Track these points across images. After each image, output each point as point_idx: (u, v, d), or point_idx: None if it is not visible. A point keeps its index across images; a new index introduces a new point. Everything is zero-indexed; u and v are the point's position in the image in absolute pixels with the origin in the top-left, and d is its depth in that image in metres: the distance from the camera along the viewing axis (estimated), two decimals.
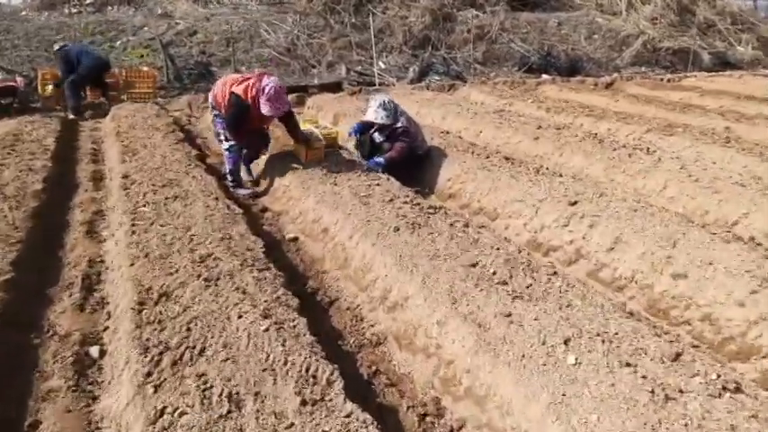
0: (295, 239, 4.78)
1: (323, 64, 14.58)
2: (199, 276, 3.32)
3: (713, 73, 14.57)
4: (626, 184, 5.57)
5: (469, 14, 16.44)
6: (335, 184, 5.11)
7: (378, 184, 5.11)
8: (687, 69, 14.88)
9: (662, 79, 13.48)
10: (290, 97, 11.81)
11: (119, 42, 14.59)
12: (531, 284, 3.20)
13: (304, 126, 6.91)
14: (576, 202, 4.51)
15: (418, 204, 4.58)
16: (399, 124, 5.91)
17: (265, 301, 3.07)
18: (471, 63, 14.75)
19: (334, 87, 12.27)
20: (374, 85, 13.02)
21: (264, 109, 5.29)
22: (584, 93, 11.06)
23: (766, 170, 5.76)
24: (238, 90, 5.29)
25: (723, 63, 15.69)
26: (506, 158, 6.02)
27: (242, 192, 5.89)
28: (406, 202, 4.61)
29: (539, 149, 6.78)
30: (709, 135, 7.00)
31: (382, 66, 14.64)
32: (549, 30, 16.68)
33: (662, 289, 3.52)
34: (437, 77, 14.08)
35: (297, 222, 5.01)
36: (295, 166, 5.80)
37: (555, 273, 3.37)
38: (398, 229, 4.01)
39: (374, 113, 5.78)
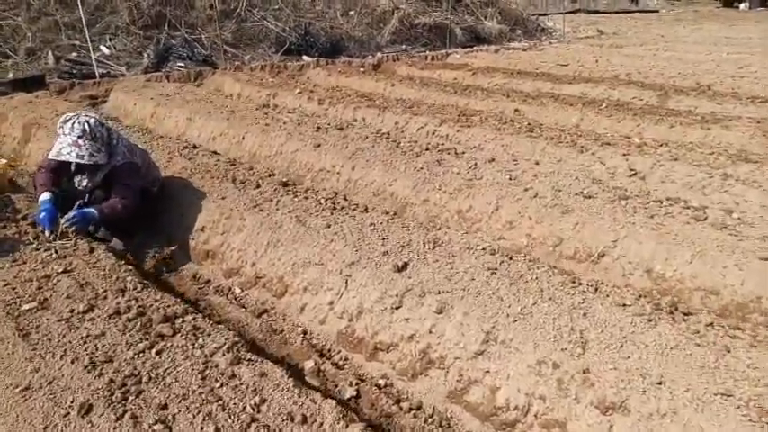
0: None
1: (20, 52, 10.91)
2: None
3: (469, 49, 14.51)
4: (445, 205, 4.15)
5: None
6: None
7: (67, 272, 2.86)
8: (446, 46, 14.58)
9: (426, 57, 12.87)
10: None
11: None
12: None
13: None
14: (405, 265, 2.88)
15: (143, 315, 2.48)
16: (120, 159, 3.63)
17: None
18: (220, 45, 12.40)
19: (34, 83, 8.98)
20: (93, 76, 9.99)
21: None
22: (355, 77, 9.67)
23: (586, 163, 4.89)
24: None
25: (475, 38, 15.82)
26: (284, 184, 4.18)
27: None
28: (116, 314, 2.48)
29: (323, 161, 5.05)
30: (509, 123, 6.03)
31: (106, 51, 11.51)
32: (303, 6, 15.03)
33: None
34: (180, 63, 11.50)
35: None
36: None
37: None
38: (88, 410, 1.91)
39: (72, 149, 3.36)
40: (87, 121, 3.51)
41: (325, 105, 7.28)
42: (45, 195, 3.50)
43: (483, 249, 3.00)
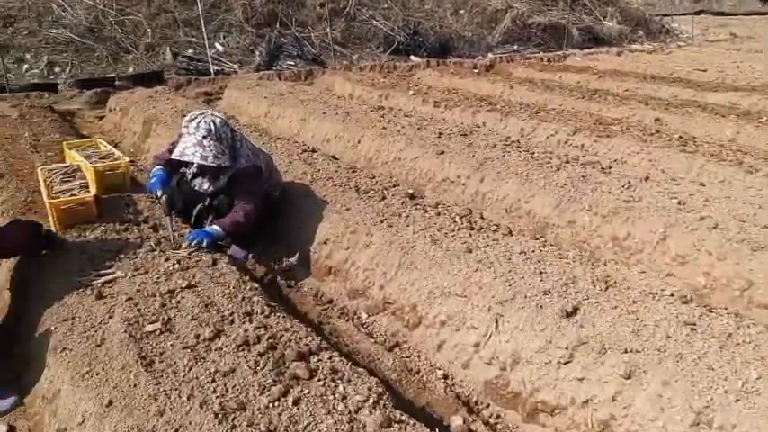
0: None
1: (140, 48, 11.33)
2: None
3: (587, 50, 13.59)
4: (596, 229, 3.60)
5: None
6: (102, 300, 2.53)
7: (191, 287, 2.62)
8: (561, 47, 13.74)
9: (541, 59, 12.14)
10: (88, 95, 8.65)
11: None
12: None
13: (68, 155, 4.17)
14: (575, 310, 2.39)
15: (274, 348, 2.16)
16: (243, 162, 3.40)
17: None
18: (329, 44, 12.33)
19: (153, 79, 9.23)
20: (208, 73, 10.16)
21: None
22: (469, 78, 9.19)
23: (757, 186, 4.14)
24: None
25: (592, 39, 14.82)
26: (411, 196, 3.79)
27: None
28: (244, 344, 2.18)
29: (447, 170, 4.63)
30: (655, 134, 5.32)
31: (220, 48, 11.75)
32: (412, 5, 14.71)
33: None
34: (290, 62, 11.53)
35: None
36: None
37: None
38: None
39: (196, 149, 3.17)
40: (213, 121, 3.29)
41: (440, 108, 6.87)
42: (157, 167, 3.44)
43: (671, 296, 2.45)
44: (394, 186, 4.01)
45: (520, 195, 4.08)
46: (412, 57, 12.43)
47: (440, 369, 2.61)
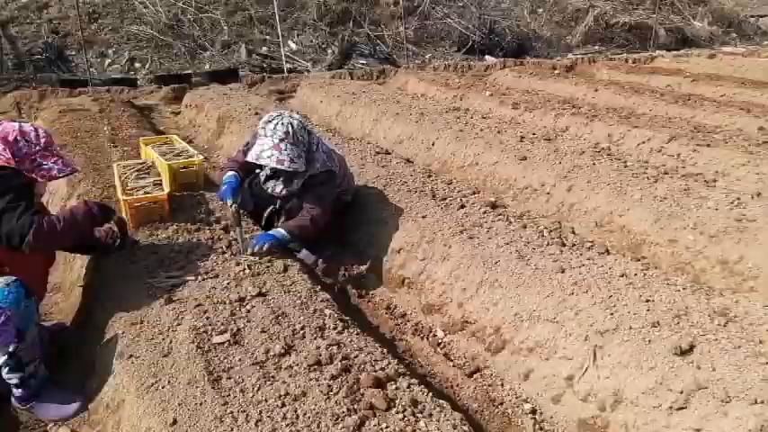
0: None
1: (216, 45, 11.55)
2: None
3: (675, 51, 12.77)
4: (701, 251, 3.21)
5: None
6: (171, 305, 2.42)
7: (261, 295, 2.47)
8: (646, 48, 12.99)
9: (626, 60, 11.48)
10: (166, 90, 8.85)
11: None
12: None
13: (144, 151, 4.16)
14: (691, 348, 2.07)
15: (348, 371, 1.97)
16: (318, 167, 3.25)
17: None
18: (402, 42, 12.16)
19: (228, 76, 9.34)
20: (282, 71, 10.20)
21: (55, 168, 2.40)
22: (549, 79, 8.75)
23: None
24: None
25: (681, 40, 13.96)
26: (492, 205, 3.53)
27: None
28: (316, 364, 2.00)
29: (530, 177, 4.33)
30: (762, 144, 4.80)
31: (293, 46, 11.81)
32: (488, 3, 14.33)
33: None
34: (362, 61, 11.46)
35: None
36: None
37: None
38: None
39: (273, 153, 3.05)
40: (291, 123, 3.14)
41: (520, 110, 6.53)
42: (229, 173, 3.31)
43: None
44: (473, 194, 3.75)
45: (612, 208, 3.74)
46: (487, 56, 12.08)
47: (527, 402, 2.34)
